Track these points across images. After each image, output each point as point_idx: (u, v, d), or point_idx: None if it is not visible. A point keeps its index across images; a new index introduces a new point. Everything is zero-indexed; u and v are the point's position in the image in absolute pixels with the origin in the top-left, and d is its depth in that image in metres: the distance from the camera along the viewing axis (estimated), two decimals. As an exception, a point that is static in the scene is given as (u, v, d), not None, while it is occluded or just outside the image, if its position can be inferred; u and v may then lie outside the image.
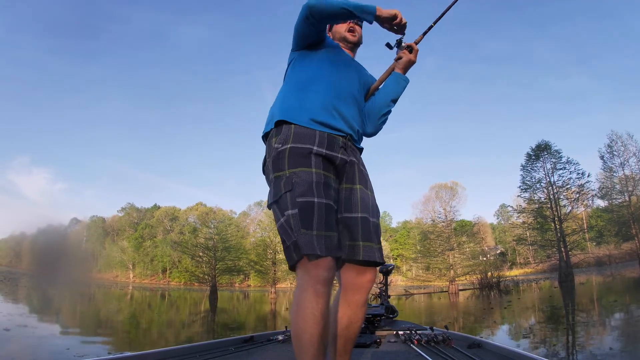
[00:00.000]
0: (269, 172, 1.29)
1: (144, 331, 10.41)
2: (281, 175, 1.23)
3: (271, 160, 1.27)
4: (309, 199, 1.17)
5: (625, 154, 30.88)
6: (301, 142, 1.26)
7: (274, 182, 1.24)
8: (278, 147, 1.27)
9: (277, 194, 1.21)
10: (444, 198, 33.56)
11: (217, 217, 38.42)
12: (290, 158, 1.23)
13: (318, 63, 1.44)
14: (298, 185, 1.18)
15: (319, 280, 1.12)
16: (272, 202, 1.24)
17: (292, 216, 1.16)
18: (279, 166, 1.24)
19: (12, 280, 33.55)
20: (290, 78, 1.46)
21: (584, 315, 9.84)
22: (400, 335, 2.90)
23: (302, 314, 1.10)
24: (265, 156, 1.34)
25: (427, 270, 36.44)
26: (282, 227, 1.19)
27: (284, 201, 1.19)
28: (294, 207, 1.16)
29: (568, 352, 5.85)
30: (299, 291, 1.14)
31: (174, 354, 2.21)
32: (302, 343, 1.10)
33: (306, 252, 1.12)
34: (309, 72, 1.42)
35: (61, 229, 27.25)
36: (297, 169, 1.21)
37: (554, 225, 27.05)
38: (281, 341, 2.82)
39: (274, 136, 1.31)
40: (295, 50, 1.51)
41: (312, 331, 1.08)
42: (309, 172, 1.21)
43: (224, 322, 13.72)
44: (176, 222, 64.70)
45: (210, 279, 30.85)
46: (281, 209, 1.20)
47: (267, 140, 1.36)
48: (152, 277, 61.59)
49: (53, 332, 8.81)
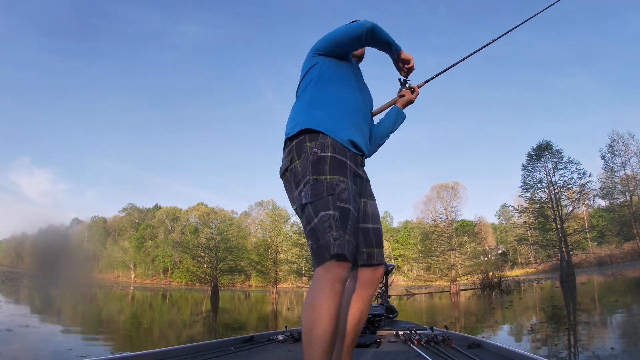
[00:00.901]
0: (305, 173, 1.32)
1: (145, 331, 10.43)
2: (322, 179, 1.28)
3: (310, 162, 1.32)
4: (346, 205, 1.27)
5: (627, 153, 30.86)
6: (339, 154, 1.35)
7: (312, 183, 1.29)
8: (318, 152, 1.32)
9: (318, 195, 1.26)
10: (445, 198, 33.55)
11: (219, 218, 38.45)
12: (331, 165, 1.31)
13: (347, 81, 1.53)
14: (339, 191, 1.27)
15: (338, 279, 1.20)
16: (308, 201, 1.28)
17: (332, 217, 1.23)
18: (319, 170, 1.30)
19: (14, 280, 33.63)
20: (322, 87, 1.49)
21: (586, 315, 9.82)
22: (400, 335, 2.90)
23: (318, 309, 1.16)
24: (294, 157, 1.37)
25: (428, 270, 36.40)
26: (316, 226, 1.25)
27: (323, 203, 1.25)
28: (335, 210, 1.24)
29: (569, 352, 5.84)
30: (316, 288, 1.20)
31: (174, 353, 2.21)
32: (314, 338, 1.14)
33: (338, 251, 1.20)
34: (341, 89, 1.50)
35: (62, 229, 27.31)
36: (337, 176, 1.30)
37: (555, 225, 26.99)
38: (281, 341, 2.82)
39: (308, 141, 1.36)
40: (321, 55, 1.53)
41: (326, 326, 1.14)
42: (347, 182, 1.31)
43: (225, 322, 13.73)
44: (177, 222, 64.79)
45: (212, 279, 30.87)
46: (317, 209, 1.26)
47: (296, 142, 1.39)
48: (154, 277, 61.68)
49: (55, 332, 8.82)
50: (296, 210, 1.40)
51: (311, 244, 1.26)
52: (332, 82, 1.49)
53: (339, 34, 1.49)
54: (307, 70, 1.54)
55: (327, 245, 1.21)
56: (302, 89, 1.53)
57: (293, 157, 1.37)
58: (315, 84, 1.49)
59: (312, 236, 1.26)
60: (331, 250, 1.20)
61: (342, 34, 1.48)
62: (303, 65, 1.58)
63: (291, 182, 1.37)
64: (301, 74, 1.57)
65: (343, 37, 1.48)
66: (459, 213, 33.13)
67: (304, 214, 1.30)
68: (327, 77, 1.50)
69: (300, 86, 1.55)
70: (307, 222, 1.28)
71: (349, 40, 1.47)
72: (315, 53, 1.55)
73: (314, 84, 1.49)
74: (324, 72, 1.50)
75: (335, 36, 1.50)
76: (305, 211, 1.29)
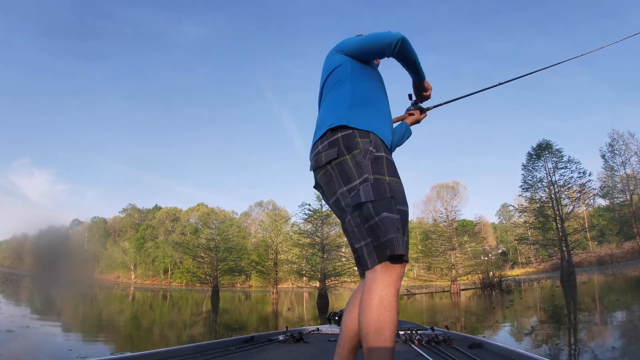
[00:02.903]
0: (362, 171, 1.30)
1: (145, 332, 10.43)
2: (382, 179, 1.29)
3: (369, 161, 1.31)
4: (405, 208, 1.29)
5: (627, 153, 30.89)
6: (389, 155, 1.38)
7: (373, 182, 1.28)
8: (374, 151, 1.32)
9: (381, 196, 1.26)
10: (445, 198, 33.49)
11: (219, 218, 38.41)
12: (388, 166, 1.33)
13: (379, 85, 1.57)
14: (398, 193, 1.29)
15: (400, 277, 1.25)
16: (370, 200, 1.26)
17: (395, 220, 1.24)
18: (378, 170, 1.30)
19: (14, 281, 33.64)
20: (359, 84, 1.49)
21: (586, 315, 9.82)
22: (400, 335, 2.88)
23: (389, 307, 1.18)
24: (341, 150, 1.34)
25: (428, 270, 36.36)
26: (377, 224, 1.24)
27: (385, 204, 1.25)
28: (397, 213, 1.26)
29: (570, 352, 5.84)
30: (383, 286, 1.21)
31: (175, 354, 2.20)
32: (385, 336, 1.15)
33: (401, 252, 1.21)
34: (377, 91, 1.54)
35: (63, 230, 27.33)
36: (394, 178, 1.32)
37: (556, 224, 26.98)
38: (282, 341, 2.81)
39: (360, 137, 1.34)
40: (348, 55, 1.53)
41: (396, 323, 1.18)
42: (401, 184, 1.33)
43: (226, 322, 13.74)
44: (177, 222, 64.80)
45: (212, 279, 30.83)
46: (378, 209, 1.25)
47: (342, 135, 1.36)
48: (154, 277, 61.67)
49: (55, 333, 8.83)
50: (334, 203, 1.39)
51: (370, 241, 1.25)
52: (367, 80, 1.52)
53: (370, 38, 1.49)
54: (336, 65, 1.52)
55: (390, 245, 1.21)
56: (333, 82, 1.51)
57: (340, 150, 1.34)
58: (352, 78, 1.49)
59: (371, 234, 1.25)
60: (395, 250, 1.20)
61: (374, 38, 1.48)
62: (328, 61, 1.56)
63: (334, 176, 1.35)
64: (328, 69, 1.55)
65: (373, 41, 1.48)
66: (459, 213, 33.07)
67: (358, 212, 1.28)
68: (360, 74, 1.51)
69: (330, 80, 1.52)
70: (366, 220, 1.26)
71: (379, 45, 1.47)
72: (341, 52, 1.54)
73: (351, 78, 1.49)
74: (355, 69, 1.51)
75: (366, 39, 1.50)
76: (364, 209, 1.26)
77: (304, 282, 39.42)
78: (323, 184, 1.41)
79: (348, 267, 25.36)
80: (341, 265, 25.89)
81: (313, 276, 27.51)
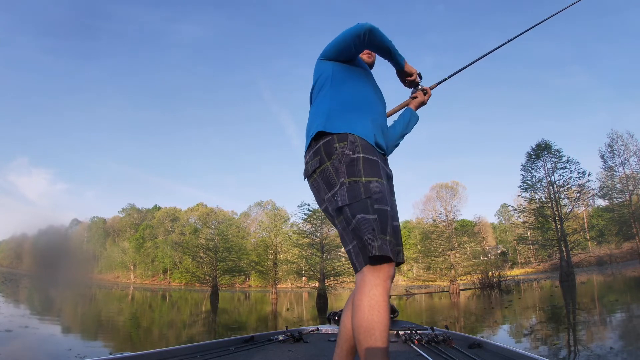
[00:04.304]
0: (338, 176, 1.32)
1: (145, 332, 10.42)
2: (357, 181, 1.29)
3: (344, 165, 1.32)
4: (384, 207, 1.27)
5: (626, 153, 30.90)
6: (369, 154, 1.35)
7: (348, 185, 1.29)
8: (350, 154, 1.32)
9: (356, 198, 1.27)
10: (444, 198, 33.49)
11: (218, 218, 38.38)
12: (365, 167, 1.31)
13: (365, 84, 1.56)
14: (375, 193, 1.27)
15: (388, 277, 1.23)
16: (345, 203, 1.28)
17: (372, 220, 1.24)
18: (354, 172, 1.30)
19: (13, 281, 33.60)
20: (339, 87, 1.50)
21: (585, 315, 9.83)
22: (400, 335, 2.89)
23: (377, 307, 1.17)
24: (323, 158, 1.36)
25: (428, 270, 36.39)
26: (356, 227, 1.25)
27: (361, 205, 1.25)
28: (374, 213, 1.25)
29: (569, 352, 5.84)
30: (370, 287, 1.20)
31: (174, 354, 2.20)
32: (376, 336, 1.15)
33: (376, 253, 1.20)
34: (362, 91, 1.53)
35: (62, 230, 27.29)
36: (372, 178, 1.30)
37: (555, 224, 26.99)
38: (282, 341, 2.81)
39: (338, 142, 1.35)
40: (330, 60, 1.55)
41: (387, 322, 1.17)
42: (382, 183, 1.32)
43: (225, 322, 13.73)
44: (177, 222, 64.76)
45: (211, 279, 30.80)
46: (354, 211, 1.26)
47: (323, 143, 1.38)
48: (153, 277, 61.63)
49: (54, 333, 8.82)
50: (325, 210, 1.41)
51: (356, 244, 1.27)
52: (348, 82, 1.51)
53: (340, 36, 1.50)
54: (320, 74, 1.55)
55: (371, 246, 1.21)
56: (317, 91, 1.55)
57: (322, 158, 1.36)
58: (331, 84, 1.50)
59: (355, 237, 1.27)
60: (370, 252, 1.21)
61: (342, 35, 1.49)
62: (314, 71, 1.59)
63: (320, 184, 1.38)
64: (314, 79, 1.58)
65: (343, 38, 1.49)
66: (458, 213, 33.09)
67: (341, 216, 1.31)
68: (342, 77, 1.52)
69: (315, 89, 1.56)
70: (347, 224, 1.28)
71: (348, 40, 1.47)
72: (324, 58, 1.56)
73: (330, 84, 1.50)
74: (337, 73, 1.52)
75: (338, 39, 1.51)
76: (344, 213, 1.29)
77: (303, 282, 39.42)
78: (313, 192, 1.45)
79: (347, 267, 25.32)
80: (340, 265, 25.86)
81: (312, 276, 27.49)
